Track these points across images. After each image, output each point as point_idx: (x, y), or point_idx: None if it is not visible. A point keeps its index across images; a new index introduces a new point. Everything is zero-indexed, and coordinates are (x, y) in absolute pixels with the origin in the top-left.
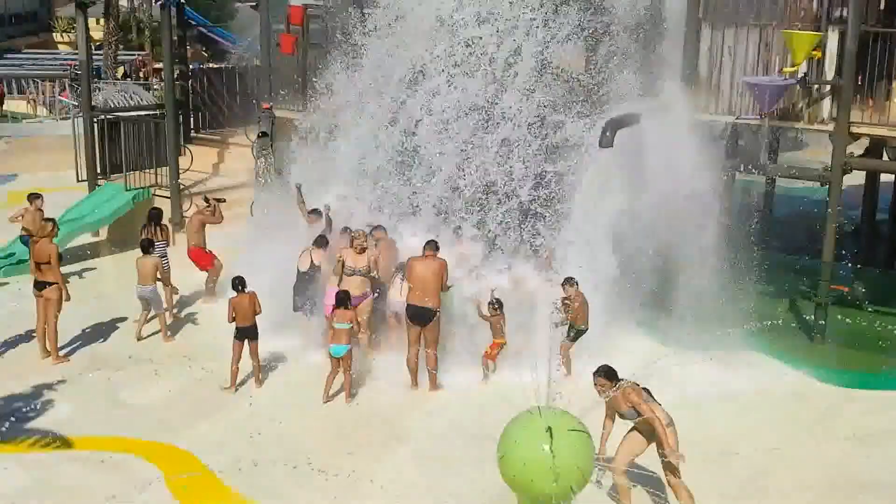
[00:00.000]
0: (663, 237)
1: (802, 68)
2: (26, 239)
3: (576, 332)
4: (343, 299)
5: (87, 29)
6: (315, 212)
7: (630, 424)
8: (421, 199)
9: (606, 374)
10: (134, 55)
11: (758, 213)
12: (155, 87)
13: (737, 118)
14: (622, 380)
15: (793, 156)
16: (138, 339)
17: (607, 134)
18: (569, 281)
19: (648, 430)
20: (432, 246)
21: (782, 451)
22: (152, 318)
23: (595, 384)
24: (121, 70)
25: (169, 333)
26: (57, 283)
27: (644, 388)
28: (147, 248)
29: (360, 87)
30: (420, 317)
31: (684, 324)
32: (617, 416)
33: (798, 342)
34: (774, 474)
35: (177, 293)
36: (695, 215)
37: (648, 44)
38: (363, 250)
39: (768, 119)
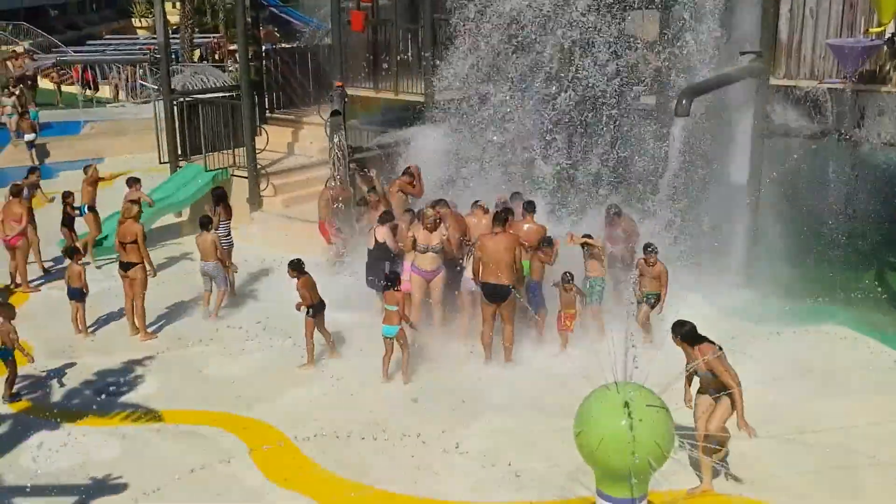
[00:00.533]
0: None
1: (890, 28)
2: None
3: (655, 298)
4: (392, 280)
5: (165, 13)
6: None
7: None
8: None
9: (684, 336)
10: (209, 38)
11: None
12: (230, 68)
13: (820, 82)
14: (704, 340)
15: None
16: (209, 315)
17: (683, 103)
18: (648, 249)
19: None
20: (500, 221)
21: (863, 428)
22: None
23: (674, 341)
24: (196, 53)
25: (223, 308)
26: (142, 263)
27: (720, 348)
28: (206, 224)
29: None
30: (495, 295)
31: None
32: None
33: (887, 316)
34: (858, 452)
35: (236, 271)
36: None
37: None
38: (435, 227)
39: (853, 83)
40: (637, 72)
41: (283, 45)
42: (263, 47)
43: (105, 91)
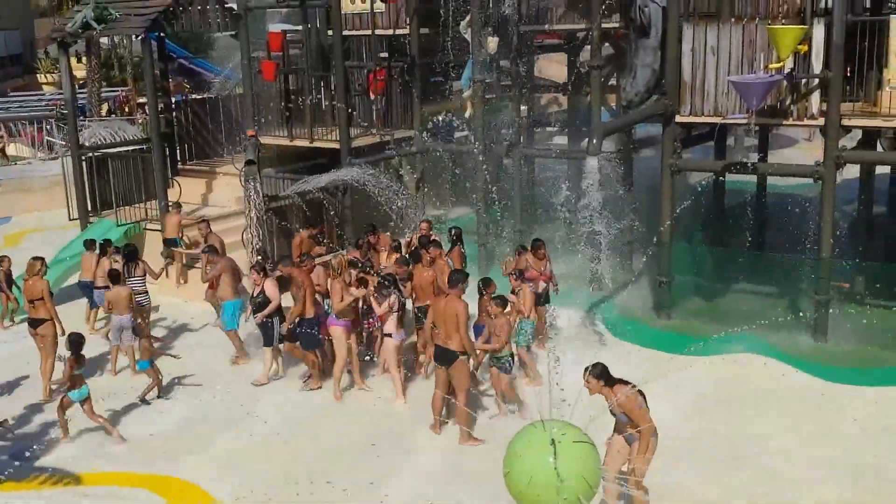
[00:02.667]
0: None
1: (789, 63)
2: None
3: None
4: None
5: (71, 68)
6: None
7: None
8: None
9: (598, 375)
10: (117, 91)
11: (751, 213)
12: (139, 121)
13: (724, 118)
14: (620, 381)
15: (782, 153)
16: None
17: (594, 141)
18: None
19: (629, 436)
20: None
21: (790, 452)
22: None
23: (586, 383)
24: (105, 107)
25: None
26: (51, 320)
27: (640, 392)
28: (116, 278)
29: None
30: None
31: (688, 327)
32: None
33: (800, 341)
34: (785, 475)
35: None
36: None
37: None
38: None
39: (756, 117)
40: (548, 113)
41: (194, 95)
42: (173, 99)
43: (10, 148)
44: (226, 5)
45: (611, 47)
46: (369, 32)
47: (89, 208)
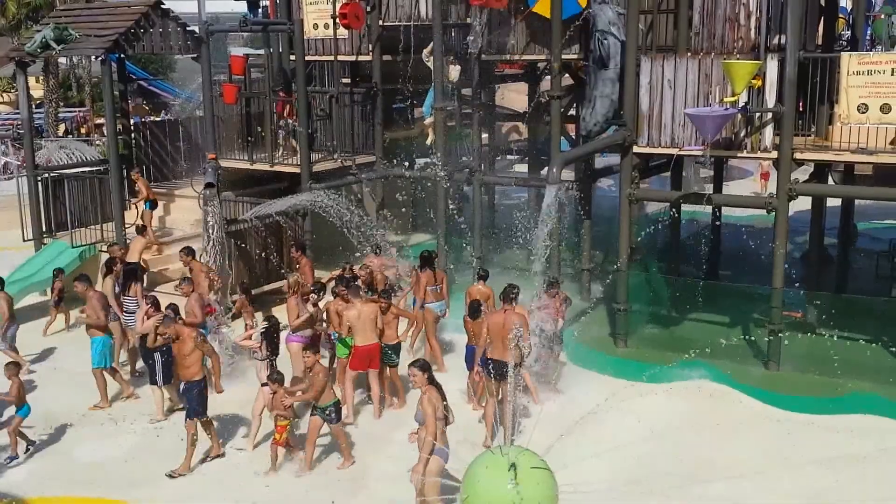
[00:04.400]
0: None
1: (743, 97)
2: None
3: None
4: None
5: (28, 88)
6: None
7: None
8: None
9: (421, 367)
10: (74, 112)
11: (706, 243)
12: (97, 142)
13: (680, 149)
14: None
15: (738, 184)
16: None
17: (554, 171)
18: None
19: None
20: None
21: (746, 479)
22: None
23: (411, 376)
24: (62, 127)
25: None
26: None
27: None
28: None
29: None
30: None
31: (644, 354)
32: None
33: (753, 369)
34: (740, 503)
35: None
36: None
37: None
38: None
39: (711, 149)
40: (509, 141)
41: (153, 117)
42: (132, 120)
43: None
44: (187, 28)
45: (570, 78)
46: (331, 58)
47: (44, 229)
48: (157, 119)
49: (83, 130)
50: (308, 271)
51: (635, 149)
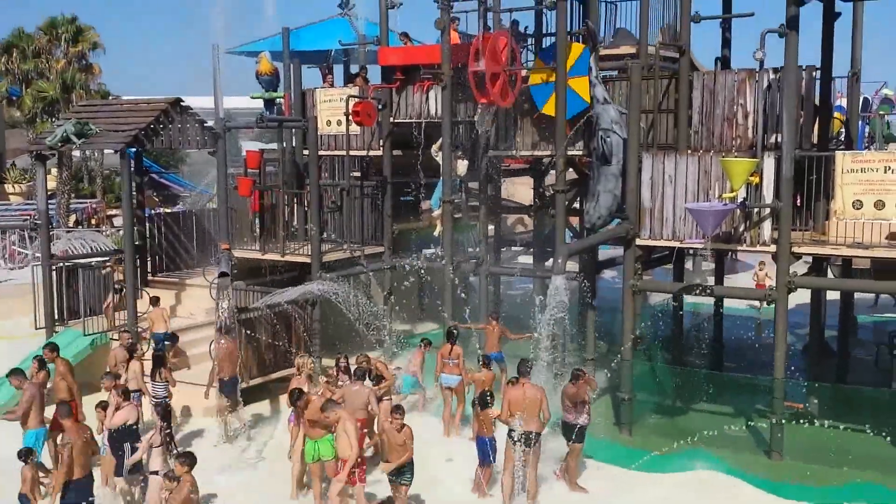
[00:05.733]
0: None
1: (742, 193)
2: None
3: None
4: None
5: (45, 180)
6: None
7: None
8: None
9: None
10: (85, 203)
11: (708, 334)
12: (107, 233)
13: (682, 242)
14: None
15: (738, 277)
16: None
17: (559, 261)
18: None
19: None
20: None
21: None
22: None
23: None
24: (72, 218)
25: None
26: None
27: None
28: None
29: None
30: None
31: (648, 443)
32: None
33: (756, 458)
34: None
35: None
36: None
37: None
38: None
39: (711, 242)
40: (515, 233)
41: (163, 209)
42: (145, 211)
43: None
44: (205, 125)
45: (573, 172)
46: (343, 153)
47: (56, 317)
48: (169, 210)
49: (93, 221)
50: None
51: (638, 241)
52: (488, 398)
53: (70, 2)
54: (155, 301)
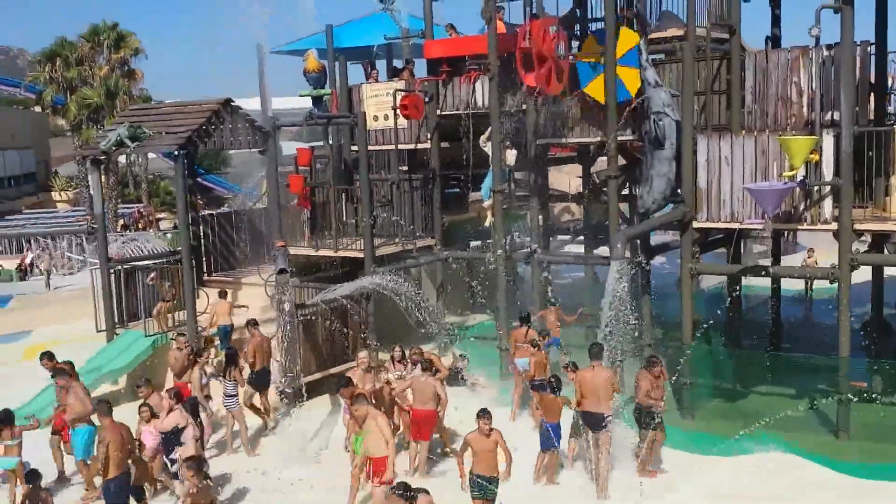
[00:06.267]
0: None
1: (801, 171)
2: None
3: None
4: None
5: (101, 184)
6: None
7: None
8: None
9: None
10: (132, 207)
11: (762, 317)
12: (154, 235)
13: (741, 223)
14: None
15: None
16: None
17: (618, 246)
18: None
19: None
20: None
21: None
22: None
23: None
24: (120, 222)
25: None
26: None
27: None
28: None
29: None
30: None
31: (711, 427)
32: None
33: (822, 438)
34: None
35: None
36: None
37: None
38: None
39: (772, 223)
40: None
41: (207, 211)
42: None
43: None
44: (255, 123)
45: (623, 158)
46: (391, 147)
47: (116, 320)
48: (224, 211)
49: (140, 225)
50: None
51: (695, 224)
52: (559, 382)
53: (111, 9)
54: (223, 294)
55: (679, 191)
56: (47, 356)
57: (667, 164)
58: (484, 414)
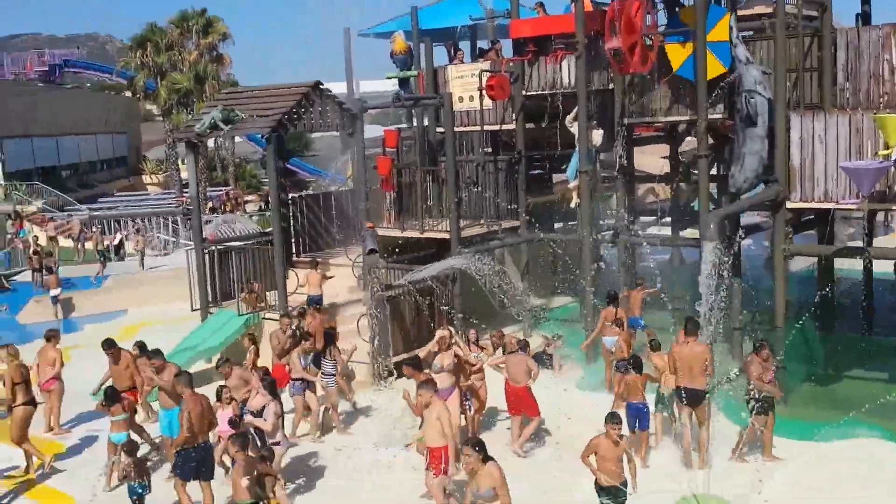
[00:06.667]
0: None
1: None
2: None
3: None
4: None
5: (197, 167)
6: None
7: None
8: None
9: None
10: (220, 190)
11: (860, 298)
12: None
13: (836, 203)
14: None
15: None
16: None
17: (711, 227)
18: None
19: None
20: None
21: None
22: None
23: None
24: (208, 205)
25: None
26: None
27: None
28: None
29: None
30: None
31: (805, 413)
32: None
33: None
34: None
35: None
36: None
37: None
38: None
39: (868, 202)
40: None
41: (292, 194)
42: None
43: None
44: (343, 106)
45: (710, 137)
46: (477, 128)
47: (210, 299)
48: (312, 193)
49: (227, 207)
50: None
51: (788, 204)
52: (635, 362)
53: None
54: (314, 264)
55: (771, 170)
56: (139, 344)
57: (759, 142)
58: (613, 420)
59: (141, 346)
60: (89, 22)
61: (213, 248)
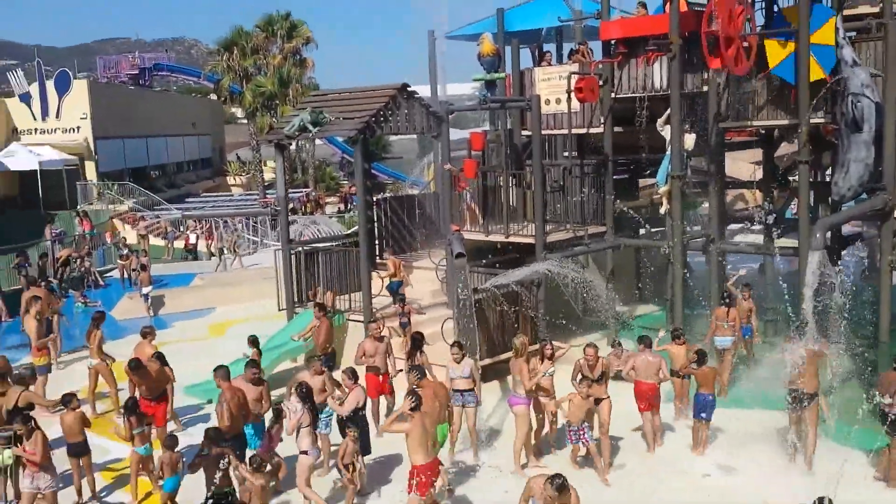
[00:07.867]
0: None
1: None
2: None
3: None
4: None
5: (285, 168)
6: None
7: None
8: None
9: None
10: (300, 192)
11: None
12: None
13: None
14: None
15: None
16: None
17: (818, 236)
18: None
19: None
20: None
21: None
22: None
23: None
24: (290, 206)
25: None
26: None
27: None
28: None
29: None
30: None
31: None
32: None
33: None
34: None
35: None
36: None
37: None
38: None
39: None
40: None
41: (380, 195)
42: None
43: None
44: (429, 109)
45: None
46: (564, 132)
47: (296, 300)
48: (396, 195)
49: (308, 208)
50: None
51: None
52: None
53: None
54: (393, 252)
55: (879, 178)
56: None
57: (865, 148)
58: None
59: (253, 340)
60: (176, 26)
61: (300, 248)
